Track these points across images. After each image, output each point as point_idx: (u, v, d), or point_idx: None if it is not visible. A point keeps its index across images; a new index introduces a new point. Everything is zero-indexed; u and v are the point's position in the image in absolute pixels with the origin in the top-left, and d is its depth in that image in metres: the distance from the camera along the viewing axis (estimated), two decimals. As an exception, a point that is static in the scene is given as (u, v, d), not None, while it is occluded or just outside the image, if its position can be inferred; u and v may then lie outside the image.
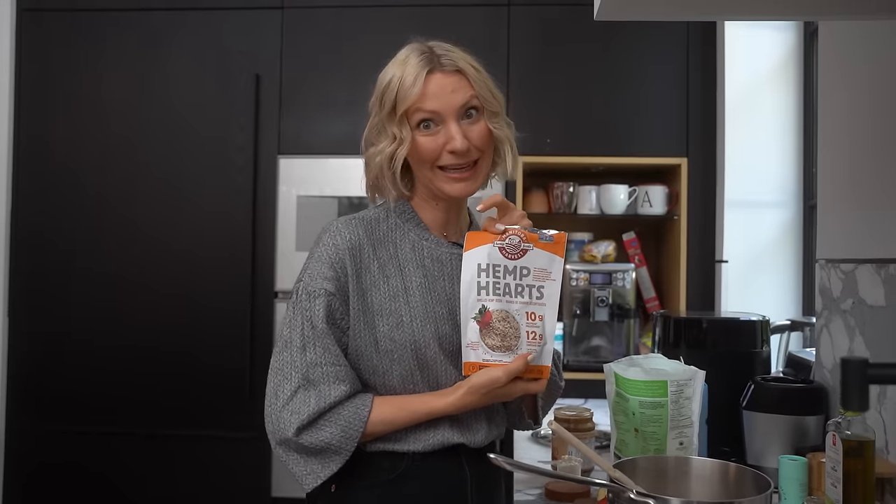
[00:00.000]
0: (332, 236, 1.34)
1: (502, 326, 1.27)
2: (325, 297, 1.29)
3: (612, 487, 1.09)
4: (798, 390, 1.70)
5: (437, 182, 1.34)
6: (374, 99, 1.36)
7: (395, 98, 1.30)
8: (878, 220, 1.59)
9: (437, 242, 1.40)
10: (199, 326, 3.13)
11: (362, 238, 1.34)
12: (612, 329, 3.11)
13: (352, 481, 1.32)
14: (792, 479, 1.46)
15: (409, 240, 1.38)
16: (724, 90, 3.00)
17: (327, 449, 1.26)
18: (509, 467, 1.08)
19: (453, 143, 1.30)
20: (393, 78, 1.31)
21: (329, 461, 1.27)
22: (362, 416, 1.27)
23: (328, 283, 1.30)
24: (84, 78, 3.21)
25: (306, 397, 1.26)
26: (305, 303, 1.30)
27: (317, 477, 1.27)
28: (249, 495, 3.10)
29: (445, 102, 1.30)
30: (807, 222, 2.92)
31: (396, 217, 1.40)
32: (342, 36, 3.15)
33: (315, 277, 1.31)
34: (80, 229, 3.19)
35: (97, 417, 3.14)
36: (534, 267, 1.28)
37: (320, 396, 1.26)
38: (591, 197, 3.14)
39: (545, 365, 1.29)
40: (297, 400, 1.26)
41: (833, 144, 1.86)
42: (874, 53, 1.64)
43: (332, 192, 3.10)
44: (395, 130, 1.31)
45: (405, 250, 1.37)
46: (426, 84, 1.29)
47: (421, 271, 1.36)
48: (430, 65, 1.31)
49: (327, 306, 1.29)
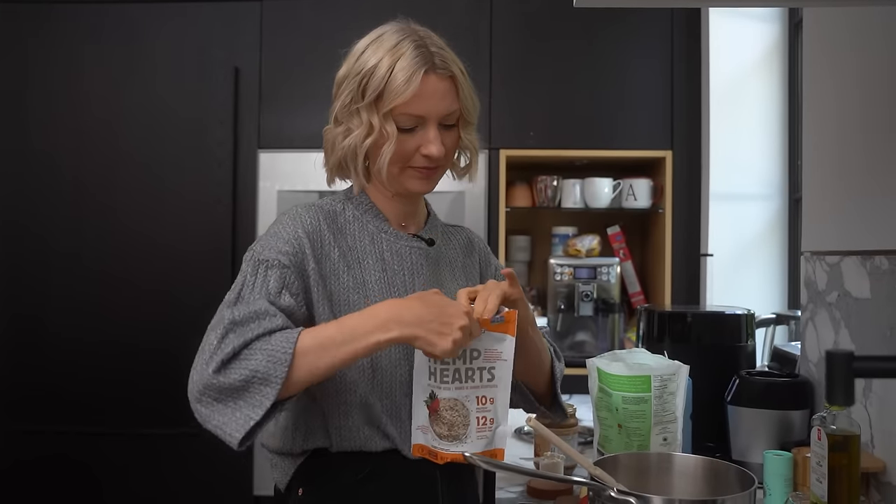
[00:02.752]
0: (293, 218, 1.28)
1: (450, 416, 1.22)
2: (278, 268, 1.21)
3: (592, 486, 1.06)
4: (783, 384, 1.68)
5: (402, 178, 1.31)
6: (350, 77, 1.30)
7: (383, 90, 1.25)
8: (862, 211, 1.57)
9: (396, 235, 1.36)
10: (179, 322, 3.08)
11: (322, 226, 1.29)
12: (597, 324, 3.09)
13: (319, 484, 1.28)
14: (777, 474, 1.44)
15: (367, 232, 1.34)
16: (708, 83, 2.98)
17: (253, 379, 1.10)
18: (486, 467, 1.05)
19: (430, 149, 1.27)
20: (380, 65, 1.26)
21: (259, 396, 1.10)
22: (290, 338, 1.12)
23: (283, 256, 1.22)
24: (61, 70, 3.15)
25: (232, 339, 1.13)
26: (253, 268, 1.22)
27: (248, 419, 1.10)
28: (231, 493, 3.06)
29: (433, 108, 1.27)
30: (792, 215, 2.91)
31: (354, 208, 1.35)
32: (322, 29, 3.11)
33: (269, 248, 1.23)
34: (59, 220, 3.13)
35: (74, 415, 3.09)
36: (484, 349, 1.21)
37: (247, 331, 1.14)
38: (576, 190, 3.11)
39: (498, 448, 1.22)
40: (223, 345, 1.13)
41: (818, 136, 1.84)
42: (859, 42, 1.62)
43: (313, 186, 3.05)
44: (375, 121, 1.26)
45: (364, 242, 1.32)
46: (420, 85, 1.25)
47: (380, 265, 1.32)
48: (425, 64, 1.26)
49: (280, 278, 1.20)
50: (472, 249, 1.50)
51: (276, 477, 1.34)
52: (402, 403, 1.28)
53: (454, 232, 1.50)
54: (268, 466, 3.07)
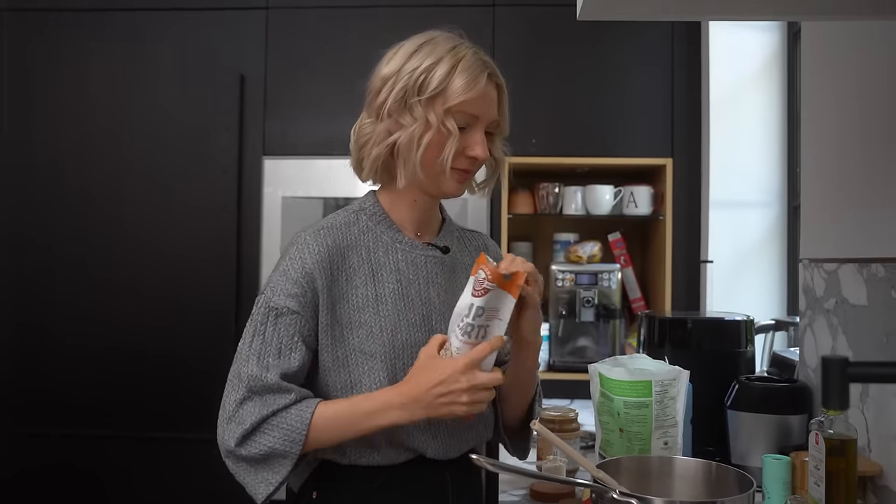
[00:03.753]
0: (300, 250, 1.28)
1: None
2: (288, 315, 1.25)
3: (595, 488, 1.09)
4: (782, 390, 1.71)
5: (440, 179, 1.31)
6: (403, 72, 1.29)
7: (446, 87, 1.27)
8: (860, 219, 1.60)
9: (411, 245, 1.36)
10: (185, 328, 3.11)
11: (332, 249, 1.29)
12: (598, 329, 3.11)
13: (333, 488, 1.31)
14: (775, 478, 1.46)
15: (381, 243, 1.34)
16: (708, 91, 3.01)
17: (272, 454, 1.23)
18: (492, 468, 1.08)
19: (477, 150, 1.30)
20: (441, 63, 1.28)
21: (278, 466, 1.24)
22: (305, 417, 1.23)
23: (292, 300, 1.25)
24: (67, 77, 3.18)
25: (251, 408, 1.23)
26: (263, 317, 1.26)
27: (269, 484, 1.24)
28: (234, 498, 3.07)
29: (485, 111, 1.31)
30: (791, 222, 2.94)
31: (367, 219, 1.35)
32: (327, 37, 3.14)
33: (278, 293, 1.26)
34: (64, 227, 3.16)
35: (79, 420, 3.11)
36: (487, 307, 1.22)
37: (264, 405, 1.23)
38: (577, 197, 3.14)
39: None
40: (242, 411, 1.24)
41: (817, 145, 1.86)
42: (858, 52, 1.64)
43: (318, 193, 3.08)
44: (433, 118, 1.27)
45: (378, 254, 1.32)
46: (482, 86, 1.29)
47: (395, 276, 1.32)
48: (486, 68, 1.31)
49: (291, 325, 1.25)
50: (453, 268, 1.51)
51: (291, 480, 1.36)
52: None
53: (470, 237, 1.51)
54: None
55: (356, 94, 3.12)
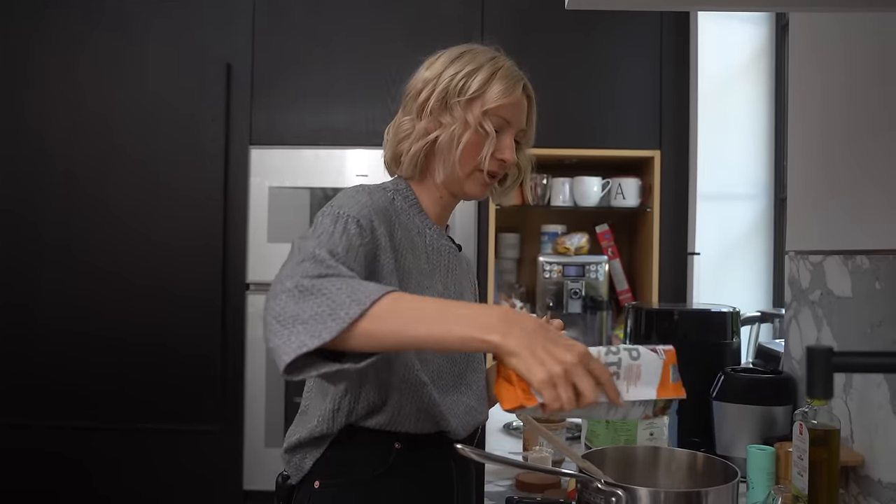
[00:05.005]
0: (368, 193, 1.28)
1: None
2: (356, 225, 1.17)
3: (580, 478, 1.09)
4: (767, 381, 1.72)
5: (466, 180, 1.37)
6: (445, 75, 1.35)
7: (485, 92, 1.34)
8: (845, 212, 1.61)
9: (438, 233, 1.41)
10: (171, 317, 3.10)
11: (384, 210, 1.28)
12: (586, 321, 3.12)
13: (337, 477, 1.30)
14: (759, 468, 1.47)
15: (414, 224, 1.37)
16: (696, 84, 3.01)
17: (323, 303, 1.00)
18: (477, 458, 1.08)
19: (506, 154, 1.36)
20: (483, 69, 1.35)
21: (322, 327, 0.99)
22: (382, 288, 1.02)
23: (363, 219, 1.19)
24: (54, 64, 3.16)
25: (320, 264, 1.06)
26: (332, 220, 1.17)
27: (300, 346, 0.98)
28: (222, 489, 3.07)
29: (517, 118, 1.38)
30: (778, 215, 2.95)
31: (402, 200, 1.38)
32: (315, 26, 3.12)
33: (348, 206, 1.21)
34: (49, 210, 3.15)
35: (64, 409, 3.10)
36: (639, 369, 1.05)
37: (328, 268, 1.06)
38: (565, 189, 3.14)
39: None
40: (309, 264, 1.06)
41: (803, 137, 1.87)
42: (845, 45, 1.65)
43: (305, 183, 3.07)
44: (471, 119, 1.33)
45: (412, 233, 1.35)
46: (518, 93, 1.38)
47: (425, 257, 1.36)
48: (522, 81, 1.41)
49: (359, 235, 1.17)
50: (469, 270, 1.55)
51: (290, 471, 1.35)
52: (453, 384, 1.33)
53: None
54: (258, 462, 3.09)
55: (344, 84, 3.16)
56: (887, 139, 1.44)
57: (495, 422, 2.14)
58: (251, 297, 3.08)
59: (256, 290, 3.08)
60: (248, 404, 3.06)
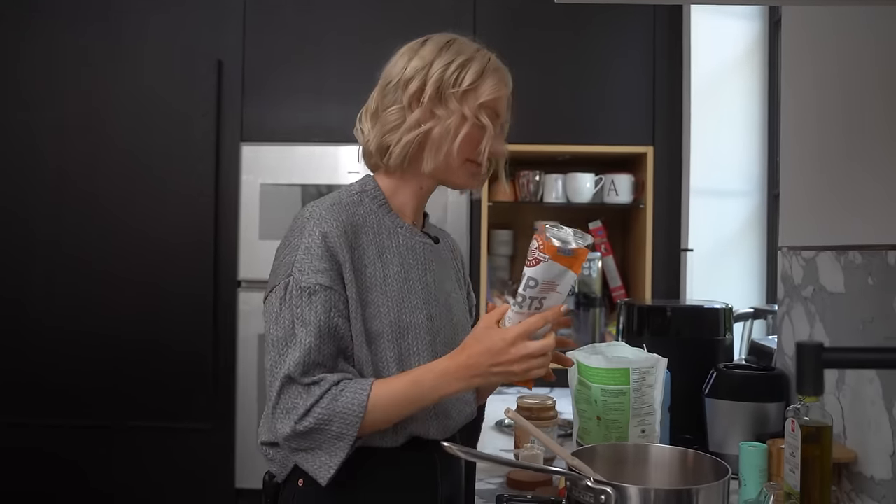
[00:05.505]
0: (318, 224, 1.27)
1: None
2: (321, 292, 1.23)
3: (569, 475, 1.08)
4: (759, 377, 1.71)
5: (458, 171, 1.37)
6: (436, 65, 1.34)
7: (479, 85, 1.35)
8: (838, 207, 1.60)
9: (411, 231, 1.39)
10: (162, 314, 3.08)
11: (346, 225, 1.29)
12: (579, 318, 3.11)
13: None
14: (752, 465, 1.46)
15: (384, 226, 1.36)
16: (690, 79, 3.00)
17: (326, 439, 1.21)
18: (464, 456, 1.07)
19: (501, 147, 1.40)
20: (475, 60, 1.36)
21: (335, 449, 1.21)
22: (360, 399, 1.20)
23: (322, 276, 1.23)
24: (44, 58, 3.13)
25: (297, 391, 1.20)
26: (297, 299, 1.23)
27: (328, 468, 1.21)
28: (214, 486, 3.06)
29: (504, 111, 1.42)
30: (771, 211, 2.94)
31: (370, 202, 1.37)
32: (306, 21, 3.10)
33: (307, 272, 1.23)
34: (40, 205, 3.12)
35: (55, 407, 3.08)
36: (542, 280, 1.20)
37: (311, 387, 1.20)
38: (558, 185, 3.13)
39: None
40: (289, 395, 1.20)
41: (796, 132, 1.86)
42: (838, 40, 1.64)
43: (297, 179, 3.05)
44: (468, 112, 1.33)
45: (382, 237, 1.34)
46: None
47: (398, 259, 1.35)
48: (509, 73, 1.43)
49: (326, 302, 1.23)
50: (456, 255, 1.56)
51: (275, 469, 1.34)
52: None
53: (443, 235, 1.55)
54: (250, 460, 3.08)
55: (335, 82, 3.14)
56: (881, 134, 1.43)
57: (487, 420, 2.13)
58: (243, 294, 3.07)
59: (248, 288, 3.07)
60: (239, 402, 3.05)
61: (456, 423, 1.40)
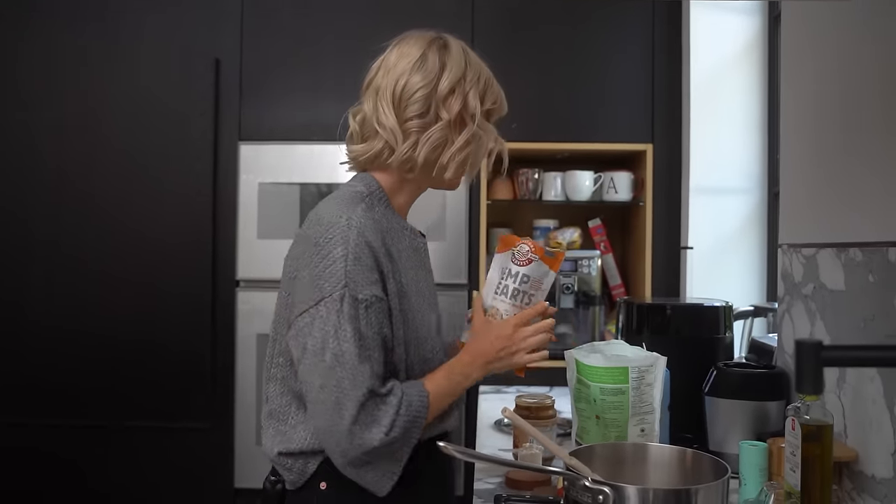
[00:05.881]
0: (362, 233, 1.25)
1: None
2: (376, 304, 1.24)
3: (567, 475, 1.06)
4: (759, 375, 1.69)
5: (454, 175, 1.40)
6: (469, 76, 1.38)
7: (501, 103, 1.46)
8: (838, 204, 1.59)
9: (412, 232, 1.41)
10: (161, 314, 3.08)
11: (380, 231, 1.30)
12: (578, 316, 3.10)
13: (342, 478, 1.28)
14: (752, 464, 1.45)
15: (394, 229, 1.36)
16: (689, 76, 2.99)
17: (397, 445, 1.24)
18: (459, 455, 1.06)
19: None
20: (490, 77, 1.43)
21: (400, 454, 1.25)
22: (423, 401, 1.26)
23: (375, 287, 1.24)
24: (43, 58, 3.12)
25: (377, 406, 1.21)
26: (352, 310, 1.21)
27: (393, 475, 1.25)
28: (212, 486, 3.05)
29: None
30: (771, 209, 2.93)
31: (377, 203, 1.36)
32: (304, 20, 3.09)
33: (361, 283, 1.22)
34: (39, 206, 3.11)
35: (54, 407, 3.08)
36: (532, 277, 1.41)
37: (387, 397, 1.23)
38: (557, 183, 3.12)
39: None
40: (368, 411, 1.20)
41: (796, 129, 1.85)
42: (838, 35, 1.63)
43: (295, 179, 3.04)
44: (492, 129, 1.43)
45: (397, 240, 1.35)
46: None
47: (410, 262, 1.37)
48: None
49: (379, 313, 1.24)
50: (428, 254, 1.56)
51: (292, 477, 1.32)
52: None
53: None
54: (248, 460, 3.06)
55: (332, 83, 3.12)
56: (880, 130, 1.42)
57: (486, 419, 2.12)
58: (241, 293, 3.06)
59: (246, 287, 3.06)
60: (238, 402, 3.04)
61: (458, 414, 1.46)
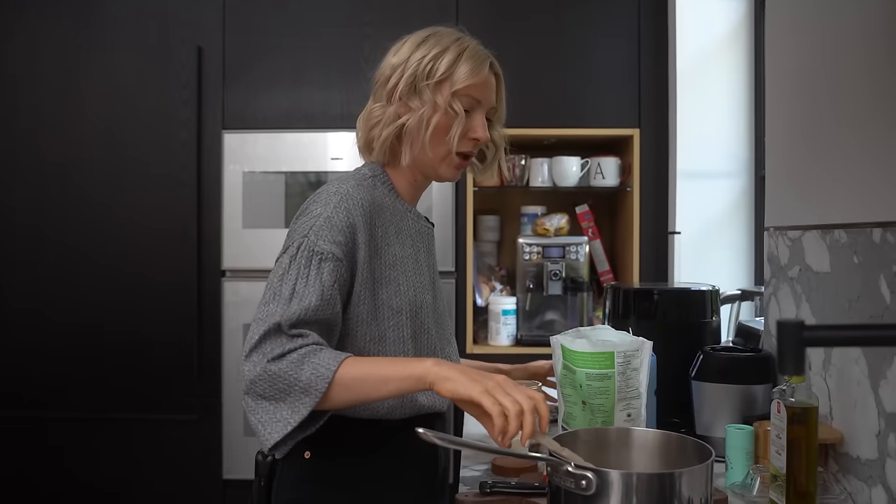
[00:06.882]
0: (345, 200, 1.31)
1: None
2: (332, 261, 1.25)
3: (549, 461, 1.05)
4: (746, 359, 1.69)
5: (442, 164, 1.40)
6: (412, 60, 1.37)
7: (453, 73, 1.36)
8: (822, 186, 1.58)
9: (416, 215, 1.46)
10: (146, 304, 3.05)
11: (371, 204, 1.34)
12: (566, 303, 3.09)
13: (326, 449, 1.32)
14: (738, 447, 1.44)
15: (396, 210, 1.41)
16: (675, 61, 2.97)
17: (295, 385, 1.15)
18: (440, 442, 1.05)
19: (478, 133, 1.39)
20: (449, 51, 1.37)
21: (298, 404, 1.16)
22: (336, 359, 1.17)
23: (337, 248, 1.26)
24: (21, 45, 3.07)
25: (280, 338, 1.18)
26: (306, 260, 1.24)
27: (286, 423, 1.16)
28: (201, 478, 3.04)
29: (486, 97, 1.41)
30: (758, 192, 2.93)
31: (381, 185, 1.42)
32: (287, 6, 3.05)
33: (324, 238, 1.26)
34: (20, 197, 3.07)
35: (38, 397, 3.05)
36: None
37: (294, 338, 1.18)
38: (544, 169, 3.10)
39: None
40: (271, 341, 1.18)
41: (781, 112, 1.84)
42: (822, 18, 1.62)
43: (280, 167, 3.02)
44: (440, 100, 1.35)
45: (396, 218, 1.40)
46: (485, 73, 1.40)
47: (410, 241, 1.41)
48: (489, 60, 1.42)
49: (333, 272, 1.24)
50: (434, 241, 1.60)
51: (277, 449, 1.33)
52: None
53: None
54: (237, 451, 3.05)
55: (317, 67, 3.10)
56: (865, 112, 1.41)
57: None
58: (227, 283, 3.03)
59: (232, 277, 3.03)
60: (225, 393, 3.02)
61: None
